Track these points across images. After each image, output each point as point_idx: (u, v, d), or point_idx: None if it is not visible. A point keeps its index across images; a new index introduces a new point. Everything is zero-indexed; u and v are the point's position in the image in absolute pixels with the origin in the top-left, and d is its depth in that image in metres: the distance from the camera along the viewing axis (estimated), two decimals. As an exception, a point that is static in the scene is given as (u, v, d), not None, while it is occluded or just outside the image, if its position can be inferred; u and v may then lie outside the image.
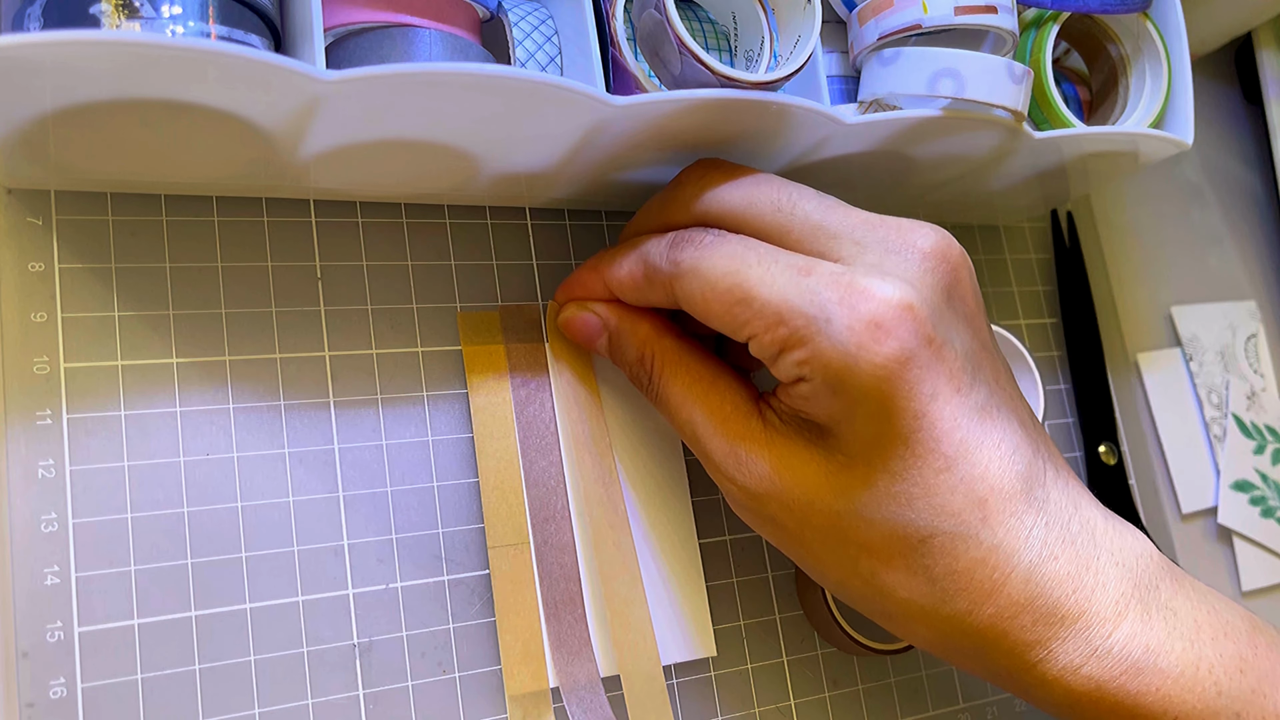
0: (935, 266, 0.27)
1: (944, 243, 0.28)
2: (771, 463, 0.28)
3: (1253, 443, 0.48)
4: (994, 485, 0.26)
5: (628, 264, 0.30)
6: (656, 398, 0.31)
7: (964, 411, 0.26)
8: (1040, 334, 0.45)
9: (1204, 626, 0.26)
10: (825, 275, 0.26)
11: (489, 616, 0.31)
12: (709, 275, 0.27)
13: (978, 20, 0.31)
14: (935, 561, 0.26)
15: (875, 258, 0.27)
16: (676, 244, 0.29)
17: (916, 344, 0.26)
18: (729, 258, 0.27)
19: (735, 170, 0.30)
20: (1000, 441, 0.26)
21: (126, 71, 0.23)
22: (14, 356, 0.28)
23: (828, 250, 0.28)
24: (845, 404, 0.26)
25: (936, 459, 0.26)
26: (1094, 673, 0.25)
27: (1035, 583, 0.26)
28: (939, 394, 0.26)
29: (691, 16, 0.35)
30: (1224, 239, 0.52)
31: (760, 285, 0.27)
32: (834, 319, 0.25)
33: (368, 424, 0.31)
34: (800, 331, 0.26)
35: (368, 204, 0.33)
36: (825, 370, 0.26)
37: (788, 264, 0.27)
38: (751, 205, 0.29)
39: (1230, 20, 0.50)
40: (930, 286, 0.27)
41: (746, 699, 0.34)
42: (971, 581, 0.26)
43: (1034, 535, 0.26)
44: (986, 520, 0.26)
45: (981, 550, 0.26)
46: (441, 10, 0.28)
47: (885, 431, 0.26)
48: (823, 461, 0.27)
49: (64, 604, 0.27)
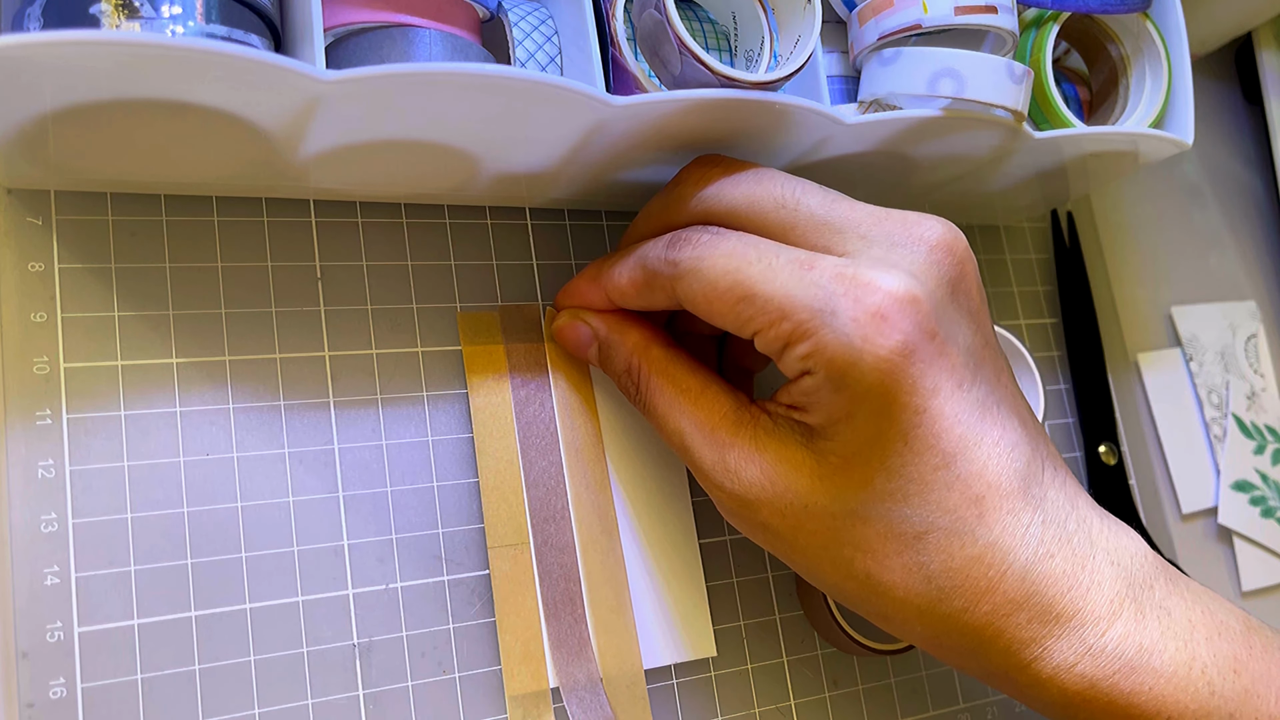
0: (941, 259, 0.27)
1: (950, 236, 0.28)
2: (762, 468, 0.27)
3: (1253, 443, 0.48)
4: (991, 482, 0.26)
5: (627, 270, 0.30)
6: (645, 407, 0.31)
7: (964, 407, 0.26)
8: (1040, 334, 0.45)
9: (1198, 626, 0.26)
10: (829, 268, 0.26)
11: (489, 616, 0.31)
12: (709, 274, 0.27)
13: (978, 20, 0.31)
14: (931, 559, 0.26)
15: (880, 251, 0.27)
16: (674, 244, 0.29)
17: (920, 337, 0.25)
18: (729, 255, 0.27)
19: (736, 166, 0.30)
20: (999, 439, 0.26)
21: (126, 71, 0.23)
22: (14, 356, 0.28)
23: (832, 245, 0.28)
24: (847, 399, 0.26)
25: (935, 455, 0.26)
26: (1087, 671, 0.25)
27: (1031, 580, 0.26)
28: (940, 389, 0.26)
29: (691, 16, 0.35)
30: (1224, 239, 0.52)
31: (762, 281, 0.26)
32: (838, 311, 0.25)
33: (368, 424, 0.31)
34: (804, 325, 0.26)
35: (368, 204, 0.33)
36: (829, 364, 0.26)
37: (789, 258, 0.27)
38: (754, 203, 0.29)
39: (1230, 20, 0.50)
40: (935, 280, 0.27)
41: (746, 699, 0.34)
42: (967, 579, 0.26)
43: (1031, 533, 0.26)
44: (983, 517, 0.26)
45: (978, 547, 0.26)
46: (441, 10, 0.28)
47: (885, 427, 0.26)
48: (815, 464, 0.27)
49: (64, 604, 0.27)
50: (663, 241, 0.29)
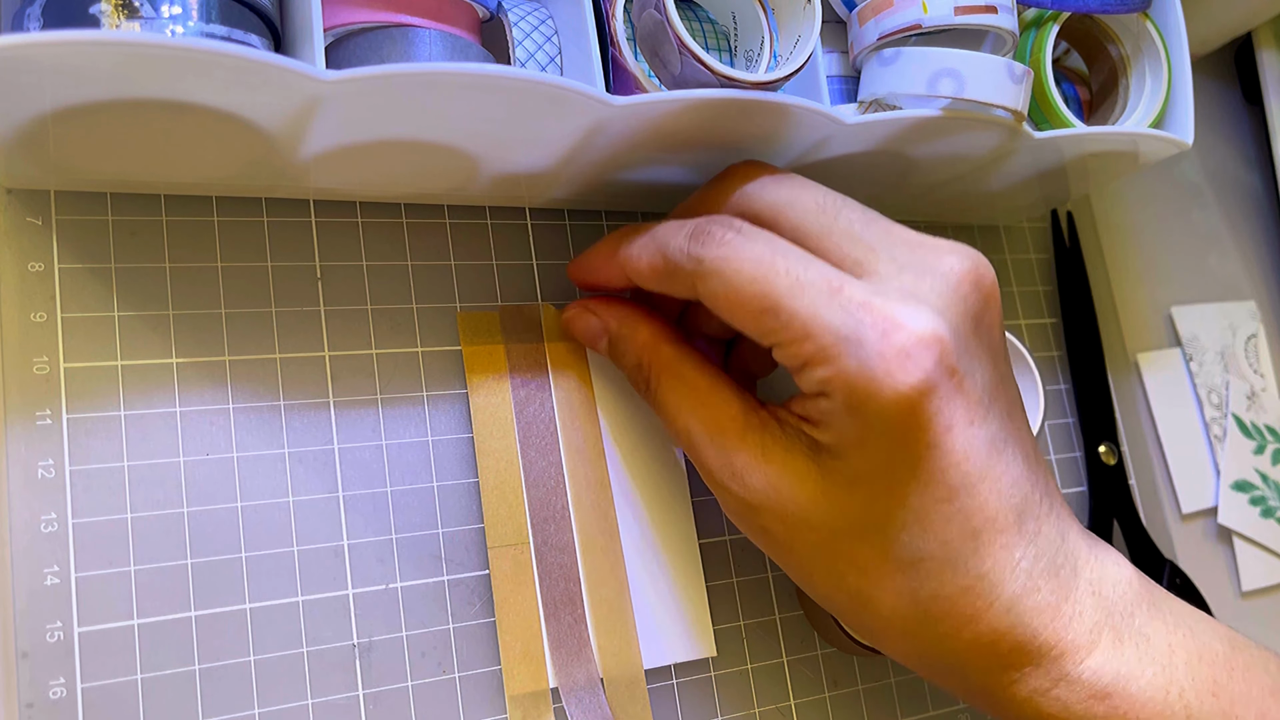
0: (968, 294, 0.27)
1: (980, 270, 0.28)
2: (768, 476, 0.28)
3: (1253, 443, 0.48)
4: (989, 517, 0.26)
5: (646, 254, 0.30)
6: (653, 403, 0.31)
7: (974, 444, 0.26)
8: (1040, 334, 0.45)
9: (1178, 650, 0.27)
10: (857, 295, 0.26)
11: (489, 616, 0.31)
12: (735, 280, 0.27)
13: (978, 20, 0.31)
14: (922, 585, 0.26)
15: (910, 280, 0.27)
16: (698, 238, 0.28)
17: (940, 374, 0.26)
18: (756, 262, 0.27)
19: (779, 171, 0.30)
20: (1002, 475, 0.27)
21: (126, 71, 0.23)
22: (14, 356, 0.28)
23: (863, 261, 0.27)
24: (860, 426, 0.26)
25: (940, 488, 0.26)
26: (1063, 695, 0.26)
27: (1016, 613, 0.26)
28: (954, 425, 0.26)
29: (691, 16, 0.35)
30: (1224, 239, 0.52)
31: (789, 296, 0.26)
32: (864, 342, 0.25)
33: (368, 424, 0.31)
34: (828, 350, 0.26)
35: (368, 204, 0.33)
36: (848, 391, 0.26)
37: (818, 275, 0.26)
38: (796, 201, 0.29)
39: (1230, 20, 0.50)
40: (960, 315, 0.27)
41: (746, 699, 0.34)
42: (955, 607, 0.26)
43: (1021, 567, 0.26)
44: (978, 550, 0.26)
45: (969, 578, 0.26)
46: (441, 10, 0.28)
47: (896, 457, 0.26)
48: (819, 478, 0.27)
49: (64, 604, 0.27)
50: (685, 231, 0.28)
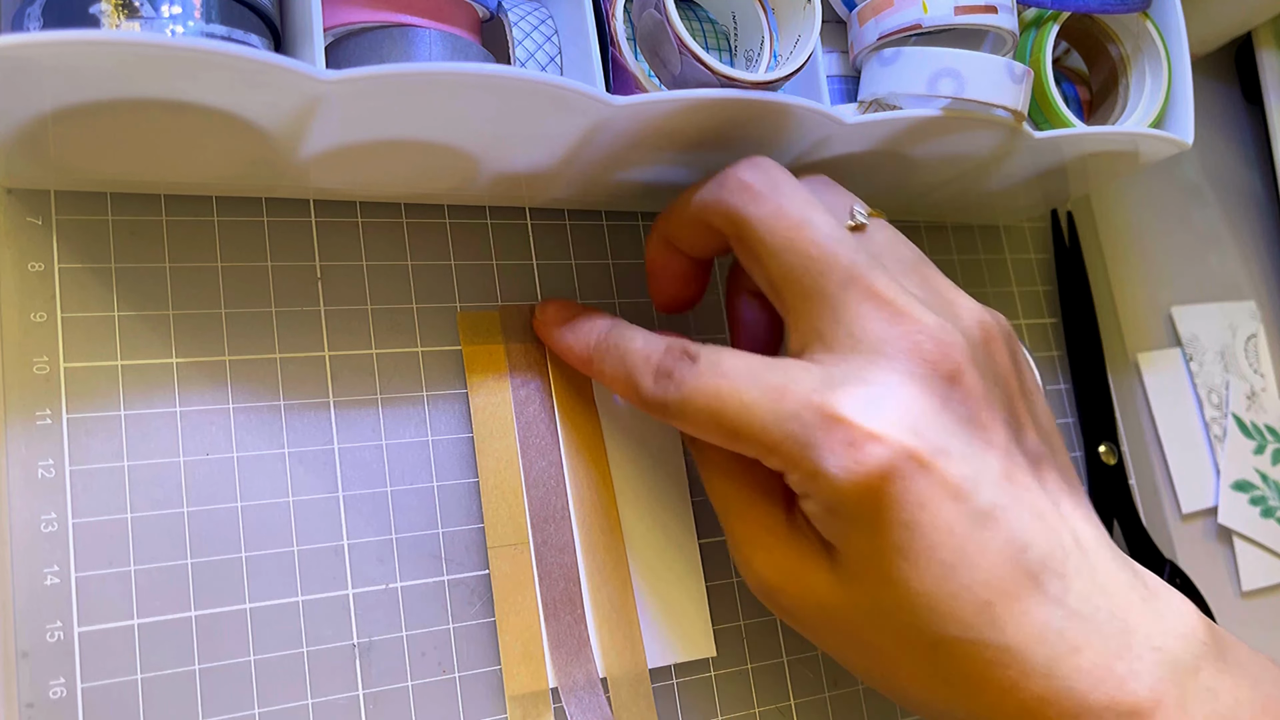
0: (930, 373, 0.27)
1: (943, 340, 0.27)
2: (789, 562, 0.28)
3: (1253, 443, 0.48)
4: (998, 588, 0.25)
5: (610, 363, 0.30)
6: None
7: (958, 518, 0.25)
8: (1040, 334, 0.45)
9: (1244, 705, 0.25)
10: (800, 396, 0.26)
11: (489, 616, 0.31)
12: (697, 418, 0.28)
13: (978, 20, 0.31)
14: (947, 667, 0.26)
15: (860, 362, 0.27)
16: (660, 382, 0.29)
17: (898, 457, 0.25)
18: (710, 395, 0.27)
19: (764, 187, 0.29)
20: (1007, 540, 0.26)
21: (126, 71, 0.23)
22: (14, 356, 0.28)
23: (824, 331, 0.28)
24: (841, 522, 0.26)
25: (935, 566, 0.25)
26: None
27: (1057, 678, 0.25)
28: (929, 501, 0.25)
29: (691, 16, 0.35)
30: (1224, 239, 0.52)
31: (740, 419, 0.27)
32: (815, 444, 0.26)
33: (368, 424, 0.31)
34: (789, 459, 0.26)
35: (368, 204, 0.33)
36: (819, 492, 0.26)
37: (765, 387, 0.27)
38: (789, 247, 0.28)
39: (1230, 20, 0.50)
40: (918, 392, 0.26)
41: (746, 699, 0.34)
42: (987, 682, 0.25)
43: (1049, 630, 0.25)
44: (994, 623, 0.25)
45: (993, 652, 0.25)
46: (441, 10, 0.28)
47: (880, 545, 0.26)
48: (829, 573, 0.27)
49: (64, 604, 0.27)
50: (650, 366, 0.29)
